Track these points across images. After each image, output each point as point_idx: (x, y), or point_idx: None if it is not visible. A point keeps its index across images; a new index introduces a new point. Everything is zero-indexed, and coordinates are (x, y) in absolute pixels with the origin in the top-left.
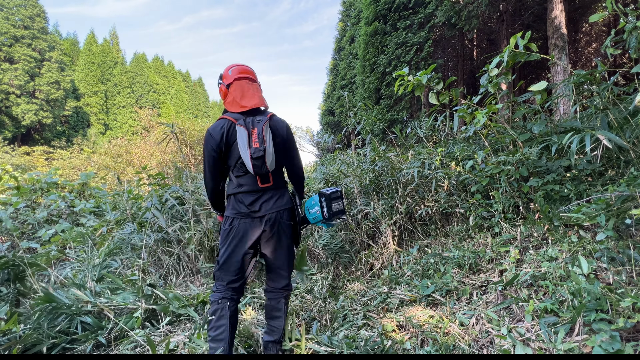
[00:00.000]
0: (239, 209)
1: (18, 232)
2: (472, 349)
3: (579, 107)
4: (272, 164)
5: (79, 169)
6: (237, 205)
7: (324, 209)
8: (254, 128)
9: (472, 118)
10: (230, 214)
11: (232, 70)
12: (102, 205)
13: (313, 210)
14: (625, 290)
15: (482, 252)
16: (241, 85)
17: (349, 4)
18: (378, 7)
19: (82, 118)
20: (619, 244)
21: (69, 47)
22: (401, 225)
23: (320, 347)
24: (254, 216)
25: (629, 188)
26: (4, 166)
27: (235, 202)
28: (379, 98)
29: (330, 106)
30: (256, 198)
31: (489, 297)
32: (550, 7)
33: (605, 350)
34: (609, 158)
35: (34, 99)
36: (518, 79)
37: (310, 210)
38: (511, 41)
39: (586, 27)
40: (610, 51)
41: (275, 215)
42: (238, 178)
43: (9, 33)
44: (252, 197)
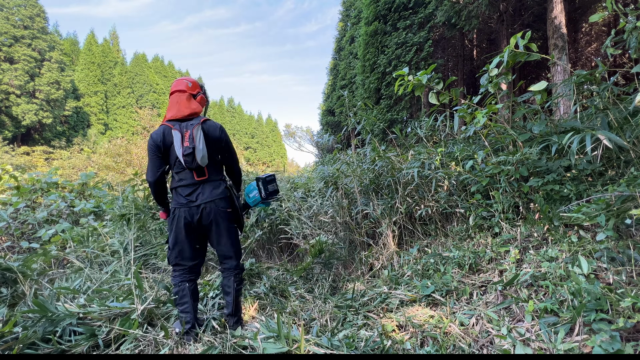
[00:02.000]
0: (179, 200)
1: (18, 232)
2: (472, 349)
3: (579, 107)
4: (202, 159)
5: (79, 169)
6: (177, 197)
7: (262, 191)
8: (187, 131)
9: (472, 118)
10: (173, 205)
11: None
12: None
13: (252, 194)
14: (625, 290)
15: (482, 252)
16: (174, 98)
17: (349, 4)
18: (378, 7)
19: (82, 118)
20: (619, 244)
21: (69, 47)
22: (401, 225)
23: (320, 349)
24: (191, 205)
25: (629, 188)
26: (4, 166)
27: (176, 194)
28: (379, 98)
29: (330, 106)
30: (193, 190)
31: (489, 297)
32: (550, 7)
33: (605, 350)
34: (609, 158)
35: (34, 99)
36: (518, 79)
37: (249, 195)
38: (511, 41)
39: (586, 27)
40: (610, 51)
41: (210, 204)
42: (178, 174)
43: (9, 33)
44: (190, 189)
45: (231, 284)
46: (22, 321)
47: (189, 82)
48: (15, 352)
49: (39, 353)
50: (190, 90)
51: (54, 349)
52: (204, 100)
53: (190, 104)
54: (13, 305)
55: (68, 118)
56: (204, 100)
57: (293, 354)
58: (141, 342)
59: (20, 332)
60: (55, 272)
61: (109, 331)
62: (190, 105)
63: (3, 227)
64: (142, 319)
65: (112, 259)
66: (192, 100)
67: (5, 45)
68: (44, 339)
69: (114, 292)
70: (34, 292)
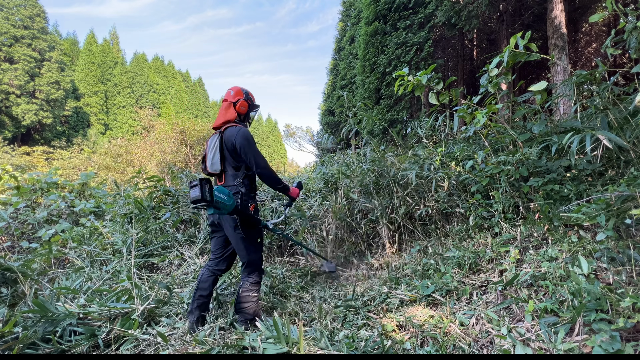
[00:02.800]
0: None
1: (18, 232)
2: (472, 349)
3: (579, 107)
4: (212, 167)
5: (79, 169)
6: None
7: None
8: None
9: (472, 118)
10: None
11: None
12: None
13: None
14: (625, 290)
15: (482, 252)
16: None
17: (349, 4)
18: (378, 7)
19: (82, 118)
20: (619, 244)
21: (69, 47)
22: (401, 225)
23: (320, 350)
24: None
25: (629, 188)
26: (4, 166)
27: None
28: (379, 98)
29: (330, 106)
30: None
31: (489, 297)
32: (550, 7)
33: (605, 350)
34: (609, 158)
35: (34, 99)
36: (518, 79)
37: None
38: (511, 41)
39: (586, 27)
40: (611, 51)
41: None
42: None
43: (9, 33)
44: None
45: (243, 278)
46: (22, 321)
47: (231, 91)
48: (15, 352)
49: (39, 353)
50: (231, 98)
51: (54, 349)
52: (245, 105)
53: (226, 113)
54: (13, 305)
55: (68, 118)
56: (244, 105)
57: (293, 354)
58: (141, 342)
59: (21, 332)
60: (56, 272)
61: (109, 331)
62: (225, 115)
63: (3, 227)
64: (142, 319)
65: (113, 258)
66: (230, 109)
67: (5, 45)
68: (44, 339)
69: (115, 293)
70: (34, 292)
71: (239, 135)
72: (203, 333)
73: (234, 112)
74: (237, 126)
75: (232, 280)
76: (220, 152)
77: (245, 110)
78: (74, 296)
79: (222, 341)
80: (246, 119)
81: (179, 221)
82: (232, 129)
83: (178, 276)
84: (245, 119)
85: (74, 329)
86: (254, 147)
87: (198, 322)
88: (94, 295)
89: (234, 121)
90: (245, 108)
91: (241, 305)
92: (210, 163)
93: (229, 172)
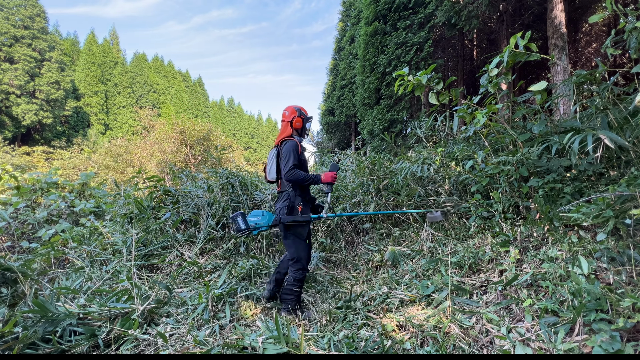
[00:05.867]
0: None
1: (18, 232)
2: (472, 349)
3: (579, 107)
4: (269, 175)
5: (79, 169)
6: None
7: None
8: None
9: (472, 118)
10: None
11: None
12: (102, 205)
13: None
14: (625, 290)
15: (482, 252)
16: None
17: (349, 4)
18: (378, 7)
19: (82, 118)
20: (619, 244)
21: (69, 47)
22: (401, 226)
23: (319, 351)
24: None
25: (629, 188)
26: (4, 166)
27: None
28: (379, 98)
29: (330, 106)
30: (277, 199)
31: (489, 297)
32: (550, 7)
33: (605, 350)
34: (609, 158)
35: (34, 99)
36: (518, 79)
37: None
38: (511, 41)
39: (586, 27)
40: (611, 51)
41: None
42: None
43: (9, 33)
44: (277, 198)
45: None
46: (22, 321)
47: (286, 112)
48: (15, 352)
49: (39, 353)
50: (287, 118)
51: (54, 349)
52: (299, 120)
53: (283, 132)
54: (13, 305)
55: (68, 118)
56: (299, 121)
57: (293, 354)
58: (141, 342)
59: (21, 332)
60: (56, 272)
61: (109, 331)
62: (283, 133)
63: (3, 227)
64: (142, 319)
65: (113, 258)
66: (287, 128)
67: (5, 45)
68: (44, 339)
69: (115, 293)
70: (34, 292)
71: (284, 147)
72: (203, 333)
73: (290, 129)
74: (289, 139)
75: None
76: (276, 163)
77: (301, 125)
78: (74, 296)
79: (222, 341)
80: (303, 131)
81: (179, 221)
82: (284, 142)
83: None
84: (302, 132)
85: (74, 329)
86: (287, 157)
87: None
88: (94, 295)
89: (292, 135)
90: (301, 123)
91: (285, 297)
92: (268, 172)
93: (283, 180)
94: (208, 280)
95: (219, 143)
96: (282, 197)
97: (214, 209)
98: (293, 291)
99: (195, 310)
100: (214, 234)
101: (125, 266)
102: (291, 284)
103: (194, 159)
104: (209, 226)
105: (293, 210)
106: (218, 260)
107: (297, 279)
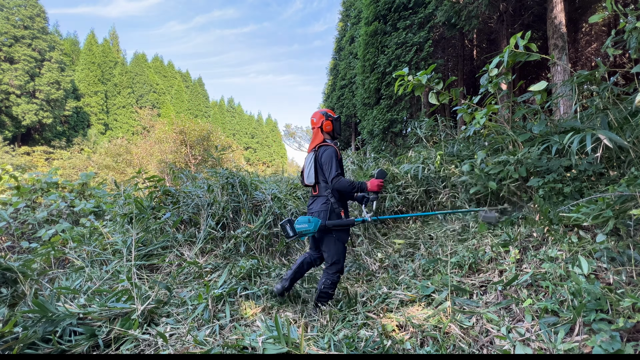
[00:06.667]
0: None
1: (18, 232)
2: (472, 349)
3: (579, 107)
4: (307, 179)
5: (79, 169)
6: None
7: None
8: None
9: (472, 118)
10: None
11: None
12: (102, 205)
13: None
14: (625, 290)
15: (482, 252)
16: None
17: (349, 4)
18: (378, 7)
19: (82, 118)
20: (619, 244)
21: (69, 47)
22: (401, 225)
23: (319, 351)
24: (308, 212)
25: (629, 188)
26: (4, 166)
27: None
28: (379, 98)
29: (330, 106)
30: (312, 202)
31: (489, 297)
32: (550, 7)
33: (605, 350)
34: (609, 158)
35: (34, 99)
36: (518, 79)
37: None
38: (511, 41)
39: (586, 27)
40: (611, 51)
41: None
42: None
43: (9, 33)
44: (310, 200)
45: (321, 280)
46: (22, 321)
47: (314, 118)
48: (15, 352)
49: (39, 353)
50: (317, 124)
51: (54, 349)
52: (329, 123)
53: (315, 138)
54: (13, 305)
55: (68, 118)
56: (328, 124)
57: (293, 354)
58: (141, 342)
59: (20, 332)
60: (56, 272)
61: (109, 331)
62: (315, 139)
63: (3, 227)
64: (142, 319)
65: (113, 258)
66: (318, 134)
67: (5, 45)
68: (44, 339)
69: (115, 293)
70: (34, 292)
71: (322, 153)
72: (203, 333)
73: (321, 135)
74: (327, 146)
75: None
76: (315, 168)
77: (331, 128)
78: (74, 296)
79: (222, 341)
80: (335, 132)
81: (179, 221)
82: (322, 148)
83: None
84: (334, 133)
85: (74, 329)
86: (329, 164)
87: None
88: (94, 295)
89: (325, 141)
90: (330, 125)
91: (321, 300)
92: (306, 176)
93: (321, 184)
94: (208, 280)
95: (219, 143)
96: (320, 201)
97: (214, 209)
98: (328, 294)
99: (195, 310)
100: (214, 234)
101: (125, 266)
102: (328, 287)
103: (194, 159)
104: (209, 226)
105: (334, 214)
106: (218, 260)
107: (333, 282)
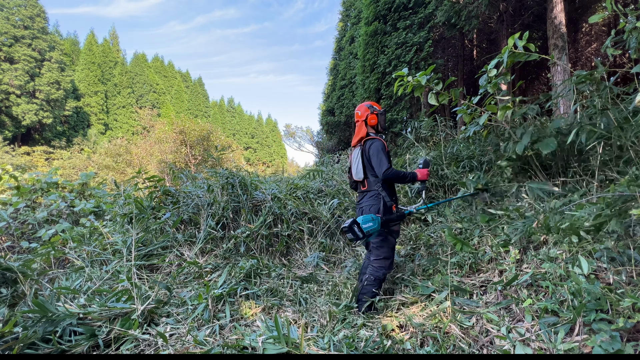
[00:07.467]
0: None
1: (18, 232)
2: (472, 349)
3: (579, 107)
4: (356, 175)
5: (79, 169)
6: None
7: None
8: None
9: (471, 118)
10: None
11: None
12: (102, 205)
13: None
14: (625, 290)
15: (482, 252)
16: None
17: (349, 4)
18: (378, 7)
19: (82, 118)
20: (619, 244)
21: (69, 47)
22: (401, 226)
23: (319, 351)
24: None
25: (629, 188)
26: (4, 166)
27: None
28: (379, 98)
29: (330, 106)
30: (360, 198)
31: (489, 297)
32: (550, 7)
33: (605, 350)
34: (609, 158)
35: (34, 99)
36: (518, 79)
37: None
38: (509, 42)
39: (586, 27)
40: (611, 51)
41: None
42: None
43: (9, 33)
44: (359, 197)
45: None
46: (22, 321)
47: (358, 111)
48: (15, 352)
49: (39, 353)
50: (361, 117)
51: (54, 349)
52: (374, 117)
53: (359, 132)
54: (13, 305)
55: (68, 118)
56: (373, 117)
57: (293, 354)
58: (141, 342)
59: (20, 332)
60: (56, 272)
61: (109, 331)
62: (359, 133)
63: (3, 227)
64: (142, 319)
65: (113, 258)
66: (362, 128)
67: (5, 45)
68: (44, 339)
69: (115, 293)
70: (34, 292)
71: (370, 147)
72: (203, 333)
73: (365, 128)
74: (373, 139)
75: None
76: (362, 162)
77: (376, 121)
78: (74, 296)
79: (222, 341)
80: (379, 126)
81: (179, 221)
82: (368, 142)
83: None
84: (379, 127)
85: (74, 329)
86: (377, 157)
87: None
88: (94, 295)
89: (369, 134)
90: (375, 119)
91: (363, 297)
92: (355, 172)
93: (370, 179)
94: (208, 280)
95: (218, 143)
96: (371, 196)
97: (214, 209)
98: (372, 292)
99: (195, 310)
100: (214, 234)
101: (125, 266)
102: (371, 284)
103: (194, 159)
104: (209, 226)
105: (387, 208)
106: (218, 260)
107: (378, 278)
